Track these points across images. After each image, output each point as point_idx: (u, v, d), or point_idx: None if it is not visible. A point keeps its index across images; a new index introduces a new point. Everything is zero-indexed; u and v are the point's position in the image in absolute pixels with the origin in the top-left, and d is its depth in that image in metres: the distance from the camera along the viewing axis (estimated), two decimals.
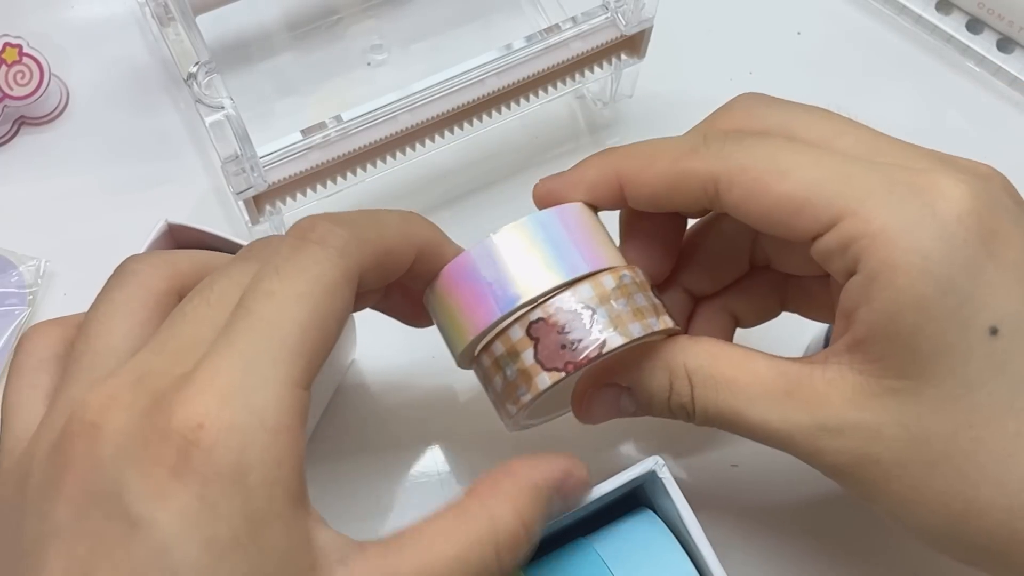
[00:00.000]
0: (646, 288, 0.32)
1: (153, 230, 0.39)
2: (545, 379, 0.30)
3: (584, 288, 0.31)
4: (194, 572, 0.24)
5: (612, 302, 0.31)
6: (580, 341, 0.30)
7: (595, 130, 0.49)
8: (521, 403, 0.31)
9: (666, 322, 0.32)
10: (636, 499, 0.38)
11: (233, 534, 0.24)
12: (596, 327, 0.30)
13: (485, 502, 0.28)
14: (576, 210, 0.33)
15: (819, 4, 0.52)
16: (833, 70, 0.51)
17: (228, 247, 0.40)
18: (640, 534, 0.37)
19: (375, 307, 0.34)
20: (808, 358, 0.31)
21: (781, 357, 0.32)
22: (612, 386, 0.33)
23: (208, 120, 0.38)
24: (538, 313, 0.30)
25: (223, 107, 0.38)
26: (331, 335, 0.27)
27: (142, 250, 0.38)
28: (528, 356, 0.30)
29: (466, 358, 0.32)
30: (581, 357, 0.30)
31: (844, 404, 0.30)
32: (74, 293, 0.45)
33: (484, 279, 0.31)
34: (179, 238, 0.41)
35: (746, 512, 0.42)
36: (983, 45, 0.50)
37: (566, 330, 0.30)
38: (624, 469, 0.35)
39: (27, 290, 0.44)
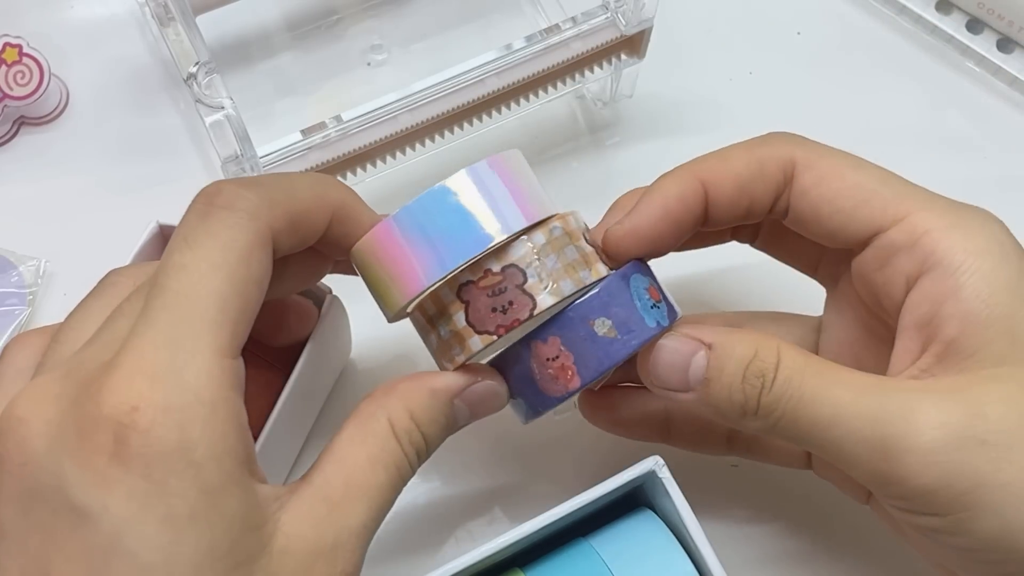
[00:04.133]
0: (577, 237, 0.31)
1: (145, 231, 0.39)
2: (477, 342, 0.30)
3: (515, 248, 0.30)
4: (155, 551, 0.24)
5: (543, 258, 0.30)
6: (511, 304, 0.30)
7: (595, 130, 0.49)
8: (456, 362, 0.31)
9: (598, 271, 0.31)
10: (636, 499, 0.38)
11: (190, 508, 0.24)
12: (527, 286, 0.30)
13: (381, 402, 0.29)
14: (509, 158, 0.31)
15: (819, 4, 0.52)
16: (833, 70, 0.51)
17: None
18: (640, 534, 0.37)
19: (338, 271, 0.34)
20: (906, 374, 0.30)
21: None
22: (692, 340, 0.31)
23: (208, 120, 0.38)
24: (467, 275, 0.30)
25: (223, 107, 0.38)
26: (252, 300, 0.27)
27: (135, 250, 0.39)
28: (460, 319, 0.31)
29: (397, 316, 0.32)
30: (511, 320, 0.30)
31: (943, 394, 0.29)
32: (74, 293, 0.45)
33: (409, 244, 0.30)
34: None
35: (746, 512, 0.42)
36: (983, 45, 0.50)
37: (496, 291, 0.30)
38: (623, 469, 0.35)
39: (27, 290, 0.44)
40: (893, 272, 0.30)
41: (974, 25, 0.51)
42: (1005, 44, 0.50)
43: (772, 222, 0.35)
